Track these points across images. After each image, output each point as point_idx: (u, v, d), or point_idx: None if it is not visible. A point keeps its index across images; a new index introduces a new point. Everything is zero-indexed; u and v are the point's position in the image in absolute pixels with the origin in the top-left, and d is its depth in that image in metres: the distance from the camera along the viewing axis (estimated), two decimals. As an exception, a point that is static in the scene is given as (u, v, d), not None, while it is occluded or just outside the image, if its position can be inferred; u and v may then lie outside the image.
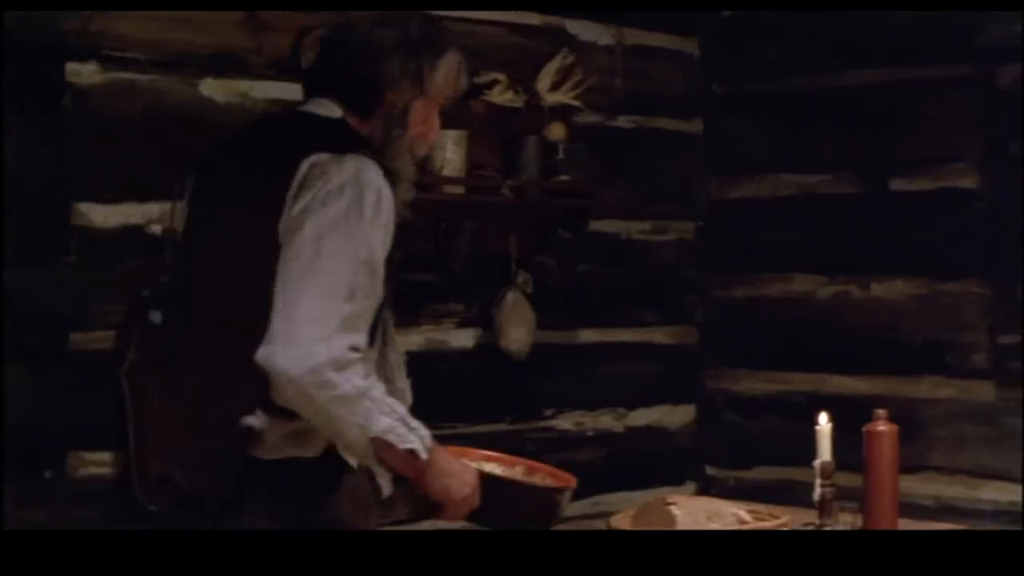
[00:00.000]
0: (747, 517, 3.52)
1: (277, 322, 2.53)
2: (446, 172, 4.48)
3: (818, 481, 3.70)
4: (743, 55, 5.34)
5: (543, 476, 3.15)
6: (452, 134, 4.37)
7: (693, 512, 3.48)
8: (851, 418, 3.72)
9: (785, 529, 3.47)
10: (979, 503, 4.72)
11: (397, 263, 2.76)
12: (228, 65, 4.24)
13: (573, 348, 5.02)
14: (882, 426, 3.68)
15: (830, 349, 5.10)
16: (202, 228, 2.83)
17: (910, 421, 4.45)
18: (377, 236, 2.61)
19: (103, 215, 4.00)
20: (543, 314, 4.79)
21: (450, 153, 4.43)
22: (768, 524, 3.50)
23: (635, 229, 5.30)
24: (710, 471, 5.33)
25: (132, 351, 3.91)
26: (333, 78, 2.77)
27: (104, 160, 3.97)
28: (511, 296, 4.71)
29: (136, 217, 4.05)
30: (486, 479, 2.85)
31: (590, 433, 5.10)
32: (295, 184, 2.60)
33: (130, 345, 3.85)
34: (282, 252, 2.60)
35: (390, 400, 2.64)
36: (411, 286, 4.43)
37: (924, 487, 4.76)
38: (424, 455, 2.64)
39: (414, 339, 4.56)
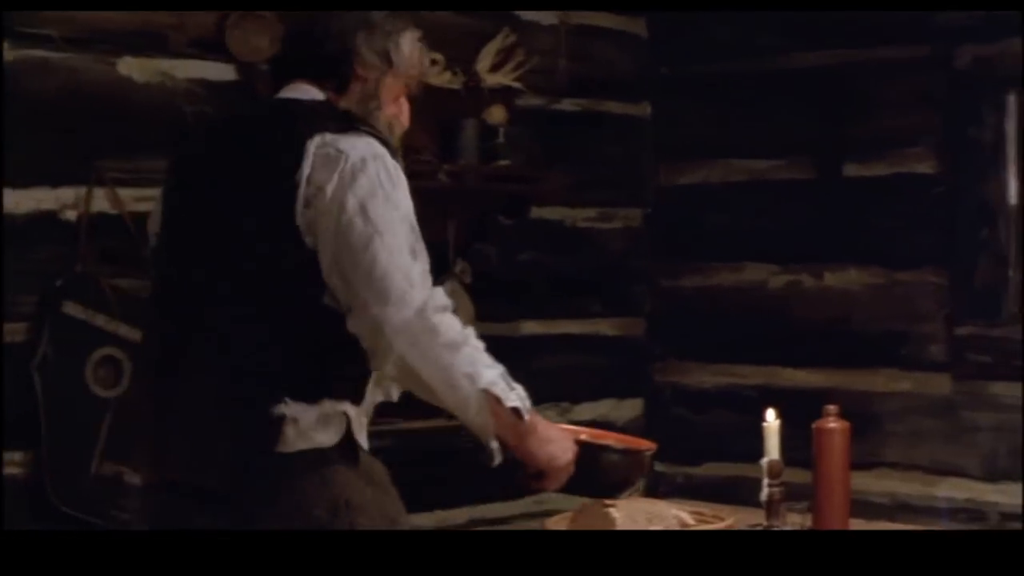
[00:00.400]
0: (689, 520, 3.35)
1: (363, 291, 2.55)
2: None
3: (765, 480, 3.57)
4: (692, 36, 5.19)
5: (617, 440, 3.08)
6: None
7: (633, 514, 3.31)
8: (804, 412, 3.57)
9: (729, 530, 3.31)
10: (935, 501, 4.62)
11: None
12: (148, 43, 4.07)
13: (514, 340, 4.84)
14: (832, 423, 3.55)
15: (782, 341, 4.98)
16: (192, 226, 2.78)
17: (864, 415, 4.38)
18: (408, 201, 2.68)
19: (14, 200, 3.83)
20: (482, 305, 4.60)
21: (384, 136, 4.26)
22: (711, 527, 3.32)
23: (580, 216, 5.15)
24: (658, 467, 5.12)
25: (44, 344, 3.77)
26: (303, 63, 2.83)
27: (15, 142, 3.79)
28: (448, 286, 4.52)
29: (49, 203, 3.90)
30: (582, 445, 2.81)
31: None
32: (306, 166, 2.61)
33: (42, 338, 3.75)
34: (322, 237, 2.59)
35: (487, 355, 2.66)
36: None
37: (878, 484, 4.65)
38: (526, 416, 2.64)
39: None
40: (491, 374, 2.60)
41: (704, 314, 5.18)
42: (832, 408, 3.55)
